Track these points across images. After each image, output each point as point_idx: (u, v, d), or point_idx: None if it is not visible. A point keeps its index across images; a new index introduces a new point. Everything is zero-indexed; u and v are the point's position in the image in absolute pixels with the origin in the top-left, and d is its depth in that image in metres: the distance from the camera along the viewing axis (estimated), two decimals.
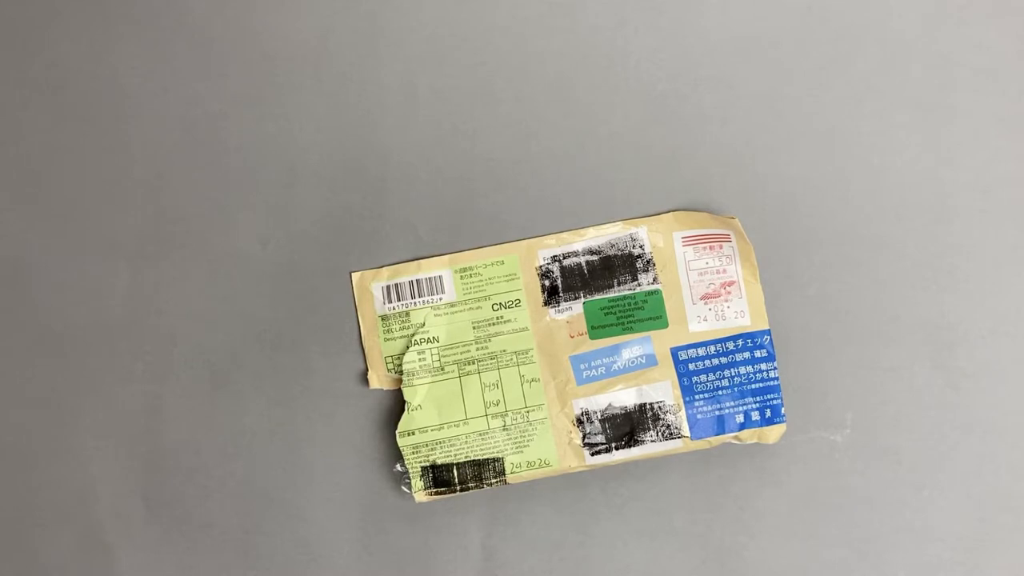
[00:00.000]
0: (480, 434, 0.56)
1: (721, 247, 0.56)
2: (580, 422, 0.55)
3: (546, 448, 0.55)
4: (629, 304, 0.56)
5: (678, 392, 0.55)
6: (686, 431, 0.55)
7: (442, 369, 0.56)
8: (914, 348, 0.56)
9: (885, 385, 0.56)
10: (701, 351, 0.56)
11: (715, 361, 0.55)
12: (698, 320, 0.56)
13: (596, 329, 0.56)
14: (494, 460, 0.55)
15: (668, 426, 0.55)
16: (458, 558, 0.57)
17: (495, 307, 0.57)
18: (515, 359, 0.56)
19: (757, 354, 0.55)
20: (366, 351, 0.57)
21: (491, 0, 0.58)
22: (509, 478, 0.55)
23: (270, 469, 0.57)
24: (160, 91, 0.58)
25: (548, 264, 0.57)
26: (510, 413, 0.56)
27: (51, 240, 0.58)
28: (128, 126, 0.58)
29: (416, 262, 0.57)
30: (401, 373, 0.56)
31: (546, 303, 0.56)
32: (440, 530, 0.57)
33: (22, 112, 0.58)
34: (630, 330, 0.56)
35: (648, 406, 0.55)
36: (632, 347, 0.56)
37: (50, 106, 0.58)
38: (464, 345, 0.56)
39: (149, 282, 0.57)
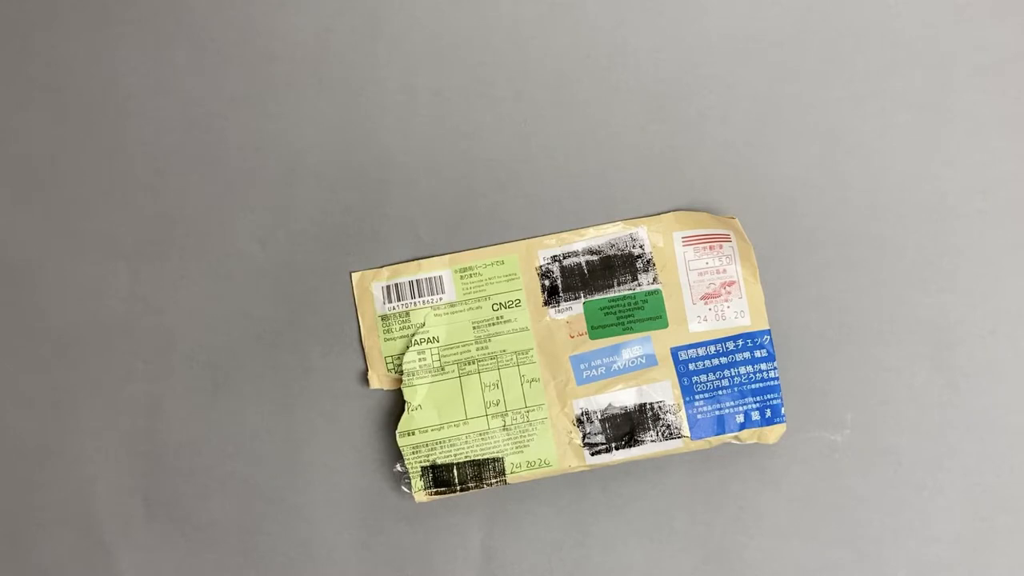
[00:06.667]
0: (480, 434, 0.56)
1: (721, 247, 0.56)
2: (580, 422, 0.55)
3: (546, 448, 0.55)
4: (629, 304, 0.56)
5: (678, 392, 0.55)
6: (686, 431, 0.55)
7: (442, 369, 0.56)
8: (914, 348, 0.56)
9: (885, 385, 0.56)
10: (701, 351, 0.56)
11: (715, 361, 0.55)
12: (698, 320, 0.56)
13: (596, 329, 0.56)
14: (494, 460, 0.55)
15: (668, 426, 0.55)
16: (458, 558, 0.57)
17: (495, 307, 0.57)
18: (515, 359, 0.56)
19: (757, 354, 0.55)
20: (366, 351, 0.57)
21: (491, 0, 0.58)
22: (509, 478, 0.55)
23: (270, 469, 0.57)
24: (160, 91, 0.58)
25: (548, 264, 0.57)
26: (510, 413, 0.56)
27: (51, 240, 0.58)
28: (128, 126, 0.58)
29: (416, 262, 0.57)
30: (401, 373, 0.56)
31: (546, 303, 0.56)
32: (440, 530, 0.57)
33: (22, 112, 0.58)
34: (630, 330, 0.56)
35: (648, 406, 0.55)
36: (632, 347, 0.56)
37: (50, 106, 0.58)
38: (464, 345, 0.56)
39: (149, 282, 0.57)
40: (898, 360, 0.56)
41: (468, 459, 0.55)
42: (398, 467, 0.56)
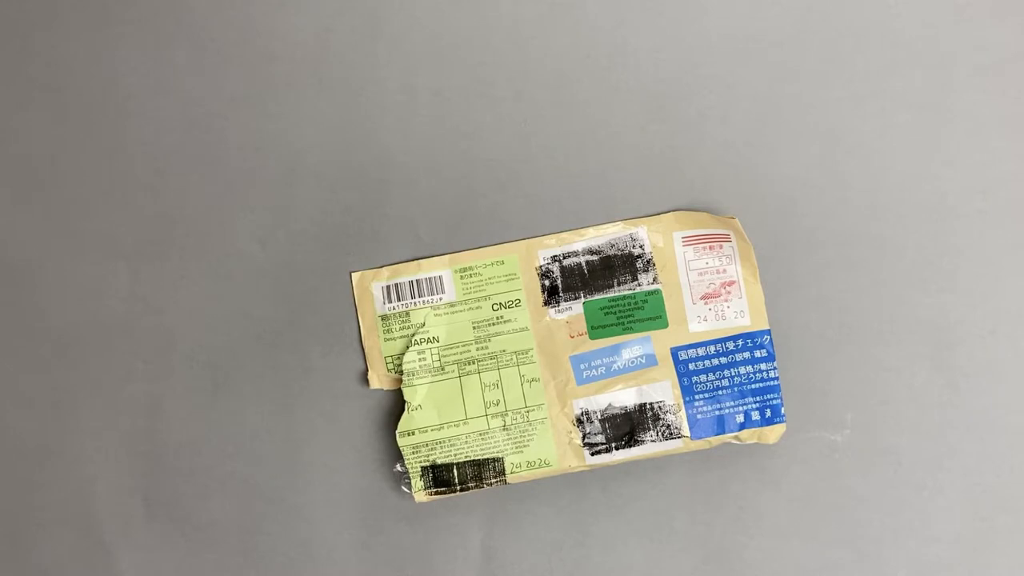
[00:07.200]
0: (480, 434, 0.56)
1: (721, 247, 0.56)
2: (580, 422, 0.55)
3: (546, 448, 0.55)
4: (629, 304, 0.56)
5: (678, 392, 0.55)
6: (686, 431, 0.55)
7: (442, 369, 0.56)
8: (914, 348, 0.56)
9: (885, 385, 0.56)
10: (701, 351, 0.56)
11: (715, 361, 0.55)
12: (698, 320, 0.56)
13: (596, 329, 0.56)
14: (494, 460, 0.55)
15: (668, 426, 0.55)
16: (458, 558, 0.57)
17: (495, 307, 0.57)
18: (515, 359, 0.56)
19: (757, 354, 0.55)
20: (366, 351, 0.57)
21: (491, 0, 0.58)
22: (509, 478, 0.55)
23: (270, 469, 0.57)
24: (160, 91, 0.58)
25: (548, 264, 0.57)
26: (510, 413, 0.56)
27: (51, 240, 0.58)
28: (128, 126, 0.58)
29: (416, 262, 0.57)
30: (401, 373, 0.56)
31: (546, 303, 0.56)
32: (440, 530, 0.57)
33: (22, 112, 0.58)
34: (630, 330, 0.56)
35: (648, 406, 0.55)
36: (632, 347, 0.56)
37: (50, 106, 0.58)
38: (464, 345, 0.56)
39: (149, 282, 0.57)
40: (898, 360, 0.56)
41: (468, 459, 0.55)
42: (398, 467, 0.56)
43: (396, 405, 0.57)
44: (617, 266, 0.56)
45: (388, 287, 0.57)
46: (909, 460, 0.56)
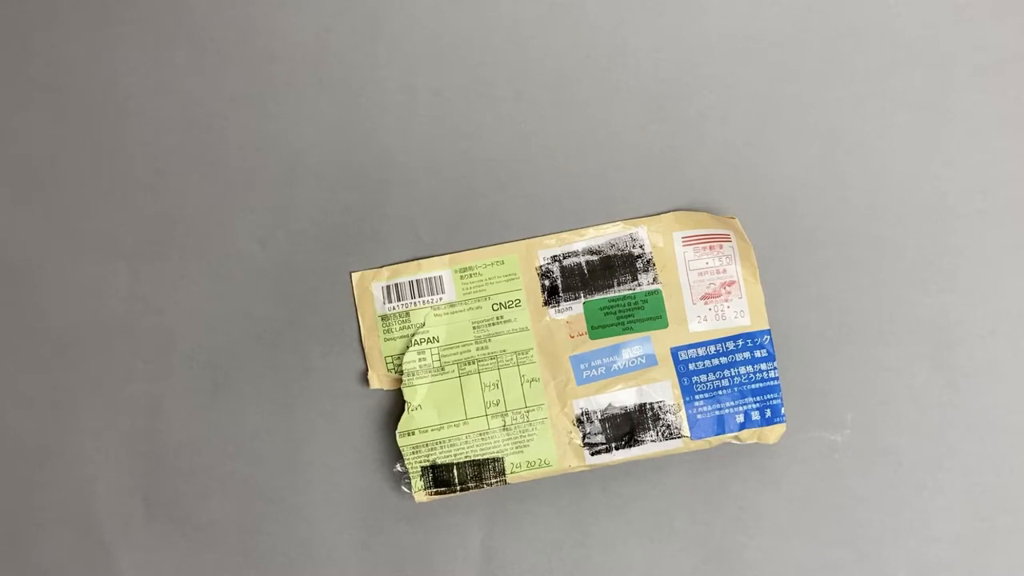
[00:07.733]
0: (480, 434, 0.56)
1: (721, 247, 0.56)
2: (580, 422, 0.55)
3: (546, 448, 0.55)
4: (629, 304, 0.56)
5: (678, 392, 0.55)
6: (686, 431, 0.55)
7: (442, 369, 0.56)
8: (914, 348, 0.56)
9: (885, 385, 0.56)
10: (701, 351, 0.56)
11: (715, 361, 0.55)
12: (698, 320, 0.56)
13: (596, 329, 0.56)
14: (494, 460, 0.55)
15: (668, 426, 0.55)
16: (458, 558, 0.57)
17: (495, 307, 0.57)
18: (515, 359, 0.56)
19: (757, 354, 0.55)
20: (366, 351, 0.57)
21: (491, 0, 0.58)
22: (509, 478, 0.55)
23: (270, 469, 0.57)
24: (160, 91, 0.58)
25: (548, 264, 0.57)
26: (510, 413, 0.56)
27: (51, 240, 0.58)
28: (128, 126, 0.58)
29: (416, 262, 0.57)
30: (401, 373, 0.56)
31: (546, 303, 0.56)
32: (440, 530, 0.57)
33: (22, 112, 0.58)
34: (630, 330, 0.56)
35: (648, 406, 0.55)
36: (632, 347, 0.56)
37: (50, 106, 0.58)
38: (464, 345, 0.56)
39: (149, 282, 0.58)
40: (898, 360, 0.56)
41: (468, 459, 0.55)
42: (398, 467, 0.56)
43: (396, 405, 0.57)
44: (617, 266, 0.56)
45: (388, 287, 0.57)
46: (909, 460, 0.56)
